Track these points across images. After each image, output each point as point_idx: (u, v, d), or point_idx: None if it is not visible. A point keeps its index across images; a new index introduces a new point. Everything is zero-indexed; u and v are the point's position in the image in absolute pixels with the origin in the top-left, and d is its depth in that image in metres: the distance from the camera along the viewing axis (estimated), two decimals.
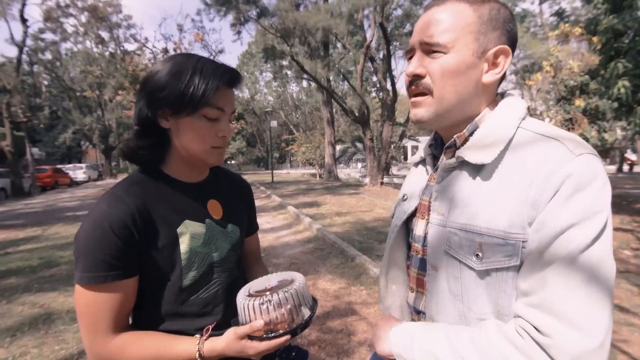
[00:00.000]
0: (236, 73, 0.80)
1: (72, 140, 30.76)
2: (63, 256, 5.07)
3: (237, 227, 0.94)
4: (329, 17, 12.29)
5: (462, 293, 0.64)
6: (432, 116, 0.66)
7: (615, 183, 14.21)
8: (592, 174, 0.54)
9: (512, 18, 0.64)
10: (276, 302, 0.73)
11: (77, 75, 25.98)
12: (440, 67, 0.62)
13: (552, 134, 0.60)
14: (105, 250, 0.71)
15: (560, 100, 6.14)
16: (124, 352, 0.73)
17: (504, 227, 0.57)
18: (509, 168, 0.60)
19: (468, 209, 0.62)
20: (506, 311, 0.59)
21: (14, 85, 15.29)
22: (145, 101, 0.77)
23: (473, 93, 0.64)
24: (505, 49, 0.62)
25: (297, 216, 7.39)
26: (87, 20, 19.65)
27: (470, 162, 0.64)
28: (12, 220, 8.72)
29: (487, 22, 0.62)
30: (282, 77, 35.23)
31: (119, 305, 0.73)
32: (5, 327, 2.93)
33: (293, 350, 1.05)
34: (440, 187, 0.70)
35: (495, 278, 0.59)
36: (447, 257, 0.66)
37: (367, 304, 3.19)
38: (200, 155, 0.80)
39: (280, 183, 16.68)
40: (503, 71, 0.63)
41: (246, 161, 39.84)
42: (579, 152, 0.55)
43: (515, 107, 0.65)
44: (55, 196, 14.87)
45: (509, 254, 0.57)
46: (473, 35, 0.61)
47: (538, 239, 0.55)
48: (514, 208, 0.57)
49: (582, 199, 0.53)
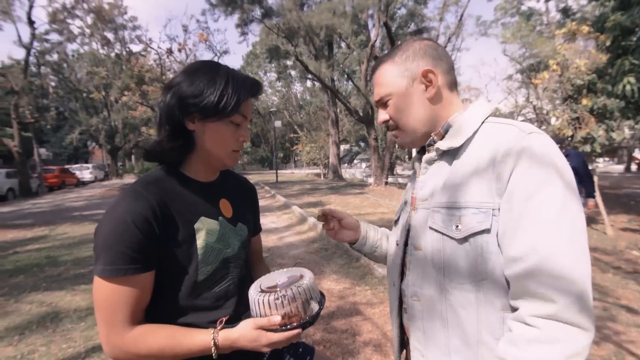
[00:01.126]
0: (259, 85, 0.88)
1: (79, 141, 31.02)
2: (70, 255, 5.12)
3: (245, 225, 0.99)
4: (333, 16, 12.28)
5: (444, 265, 0.72)
6: (408, 140, 0.85)
7: (623, 182, 14.04)
8: (543, 147, 0.65)
9: (427, 46, 0.81)
10: (290, 296, 0.76)
11: (83, 76, 26.19)
12: (393, 110, 0.82)
13: (508, 122, 0.73)
14: (127, 243, 0.73)
15: (567, 99, 6.06)
16: (140, 343, 0.74)
17: (477, 198, 0.68)
18: (477, 151, 0.72)
19: (448, 189, 0.74)
20: (482, 275, 0.68)
21: (21, 86, 15.46)
22: (176, 105, 0.81)
23: (425, 110, 0.80)
24: (427, 70, 0.78)
25: (302, 216, 7.39)
26: (92, 22, 19.82)
27: (443, 149, 0.77)
28: (20, 219, 8.83)
29: (403, 62, 0.80)
30: (286, 77, 35.26)
31: (136, 299, 0.75)
32: (14, 326, 2.97)
33: (300, 347, 1.07)
34: (424, 177, 0.83)
35: (473, 243, 0.68)
36: (431, 232, 0.75)
37: (372, 304, 3.18)
38: (221, 158, 0.87)
39: (285, 183, 16.70)
40: (437, 84, 0.78)
41: (250, 161, 39.94)
42: (529, 131, 0.68)
43: (481, 107, 0.79)
44: (63, 196, 15.03)
45: (481, 220, 0.67)
46: (399, 77, 0.80)
47: (512, 208, 0.64)
48: (484, 182, 0.68)
49: (538, 167, 0.63)
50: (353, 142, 29.89)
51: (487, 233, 0.67)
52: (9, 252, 5.48)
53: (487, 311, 0.68)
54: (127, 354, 0.74)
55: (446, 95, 0.81)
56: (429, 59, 0.79)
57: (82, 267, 4.57)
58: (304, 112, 36.11)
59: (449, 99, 0.81)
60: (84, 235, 6.47)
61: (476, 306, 0.69)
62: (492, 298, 0.67)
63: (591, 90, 5.85)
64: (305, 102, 37.37)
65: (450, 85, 0.81)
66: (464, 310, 0.70)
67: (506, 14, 22.56)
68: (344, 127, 28.90)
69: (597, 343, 2.49)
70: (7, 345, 2.67)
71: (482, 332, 0.68)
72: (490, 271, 0.67)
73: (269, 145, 40.43)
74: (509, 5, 22.17)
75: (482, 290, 0.68)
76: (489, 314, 0.68)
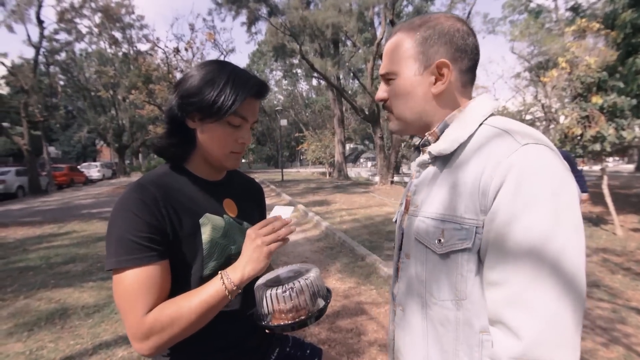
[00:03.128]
0: (265, 86, 0.85)
1: (87, 139, 31.40)
2: (78, 253, 5.18)
3: (251, 225, 0.96)
4: (339, 14, 12.24)
5: (426, 279, 0.69)
6: (398, 128, 0.78)
7: (633, 182, 13.80)
8: (537, 162, 0.58)
9: (457, 31, 0.69)
10: (298, 289, 0.76)
11: (91, 75, 26.46)
12: (393, 92, 0.74)
13: (506, 127, 0.64)
14: (134, 232, 0.73)
15: (577, 97, 5.96)
16: (159, 318, 0.71)
17: (460, 213, 0.63)
18: (467, 160, 0.65)
19: (435, 199, 0.69)
20: (462, 295, 0.64)
21: (31, 85, 15.68)
22: (177, 103, 0.82)
23: (425, 105, 0.72)
24: (443, 62, 0.68)
25: (307, 214, 7.40)
26: (100, 21, 20.00)
27: (434, 154, 0.71)
28: (29, 217, 8.96)
29: (422, 43, 0.70)
30: (292, 75, 35.27)
31: (153, 288, 0.73)
32: (23, 322, 3.01)
33: (307, 348, 1.07)
34: (417, 181, 0.78)
35: (454, 260, 0.64)
36: (416, 243, 0.71)
37: (377, 304, 3.17)
38: (219, 158, 0.86)
39: (290, 182, 16.72)
40: (447, 81, 0.69)
41: (256, 159, 40.03)
42: (524, 142, 0.60)
43: (481, 106, 0.70)
44: (71, 194, 15.21)
45: (463, 237, 0.62)
46: (412, 58, 0.71)
47: (494, 229, 0.59)
48: (469, 196, 0.62)
49: (527, 186, 0.56)
50: (359, 141, 29.77)
51: (468, 252, 0.63)
52: (18, 249, 5.56)
53: (465, 332, 0.64)
54: (151, 337, 0.71)
55: (456, 94, 0.72)
56: (452, 48, 0.69)
57: (90, 264, 4.62)
58: (310, 111, 36.08)
59: (457, 100, 0.72)
60: (93, 233, 6.54)
61: (455, 325, 0.65)
62: (472, 319, 0.64)
63: (601, 88, 5.75)
64: (311, 101, 37.33)
65: (465, 84, 0.72)
66: (442, 327, 0.67)
67: (514, 11, 22.28)
68: (350, 126, 28.83)
69: (606, 345, 2.46)
70: (17, 341, 2.71)
71: (459, 352, 0.65)
72: (470, 291, 0.63)
73: (275, 144, 40.48)
74: (518, 2, 21.90)
75: (461, 310, 0.64)
76: (467, 335, 0.64)
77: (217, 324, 0.81)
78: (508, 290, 0.57)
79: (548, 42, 11.37)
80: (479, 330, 0.63)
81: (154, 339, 0.71)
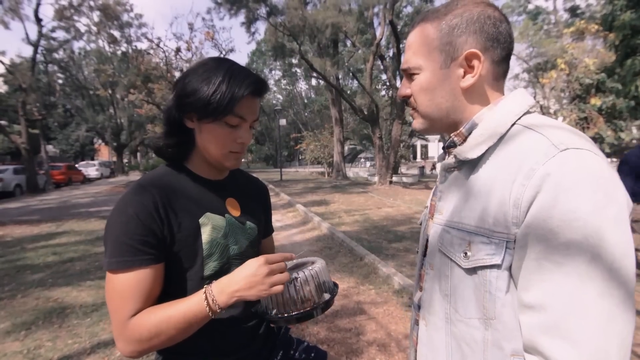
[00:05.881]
0: (263, 84, 0.82)
1: (85, 138, 31.32)
2: (76, 251, 5.16)
3: (254, 225, 0.96)
4: (338, 14, 12.25)
5: (450, 293, 0.63)
6: (423, 127, 0.71)
7: None
8: (578, 170, 0.50)
9: (488, 17, 0.62)
10: (303, 279, 0.75)
11: (90, 74, 26.41)
12: (417, 87, 0.67)
13: (542, 129, 0.57)
14: (131, 235, 0.73)
15: (575, 98, 6.00)
16: (142, 324, 0.72)
17: (489, 226, 0.57)
18: (498, 164, 0.59)
19: (461, 207, 0.63)
20: (491, 314, 0.57)
21: (29, 84, 15.59)
22: (174, 102, 0.81)
23: (453, 101, 0.65)
24: (473, 53, 0.61)
25: (306, 214, 7.39)
26: (99, 19, 19.93)
27: (460, 159, 0.64)
28: (27, 215, 8.92)
29: (449, 33, 0.63)
30: (291, 75, 35.27)
31: (144, 291, 0.73)
32: (21, 321, 2.99)
33: (312, 350, 1.05)
34: (443, 187, 0.71)
35: (482, 277, 0.58)
36: (440, 255, 0.66)
37: (376, 304, 3.18)
38: (217, 158, 0.84)
39: (289, 181, 16.71)
40: (477, 74, 0.62)
41: (255, 159, 40.02)
42: (564, 146, 0.52)
43: (513, 103, 0.63)
44: (69, 193, 15.17)
45: (492, 252, 0.56)
46: (437, 50, 0.64)
47: (527, 244, 0.52)
48: (498, 206, 0.55)
49: (566, 199, 0.49)
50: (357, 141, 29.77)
51: (497, 269, 0.56)
52: (16, 247, 5.54)
53: (494, 355, 0.57)
54: (132, 343, 0.71)
55: (486, 89, 0.65)
56: (483, 38, 0.62)
57: (88, 263, 4.60)
58: (309, 111, 36.08)
59: (488, 95, 0.65)
60: (90, 232, 6.52)
61: (482, 346, 0.59)
62: (501, 341, 0.56)
63: (600, 89, 5.78)
64: (310, 101, 37.34)
65: (497, 77, 0.65)
66: (468, 347, 0.61)
67: (513, 12, 22.35)
68: (349, 126, 28.83)
69: None
70: (14, 340, 2.69)
71: None
72: (500, 311, 0.56)
73: (274, 144, 40.47)
74: (516, 3, 21.96)
75: (490, 330, 0.58)
76: (496, 358, 0.57)
77: (217, 328, 0.80)
78: (545, 316, 0.51)
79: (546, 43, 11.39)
80: (510, 353, 0.56)
81: (135, 345, 0.72)
